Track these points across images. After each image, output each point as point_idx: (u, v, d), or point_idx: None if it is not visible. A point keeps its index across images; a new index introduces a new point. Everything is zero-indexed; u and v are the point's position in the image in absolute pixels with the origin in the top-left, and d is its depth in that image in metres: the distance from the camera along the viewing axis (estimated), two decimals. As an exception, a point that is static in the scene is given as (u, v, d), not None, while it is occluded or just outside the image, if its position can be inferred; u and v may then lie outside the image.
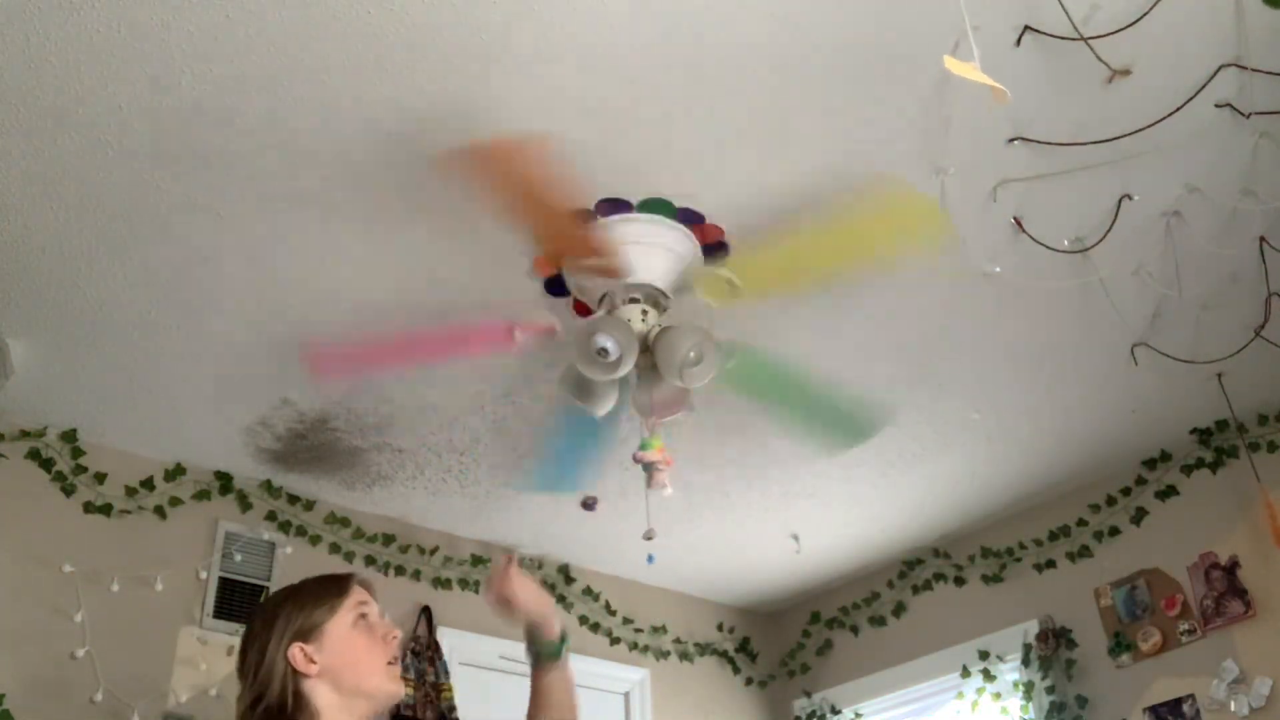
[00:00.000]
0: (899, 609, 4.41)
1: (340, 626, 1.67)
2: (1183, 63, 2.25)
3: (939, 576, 4.31)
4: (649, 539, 2.74)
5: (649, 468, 2.51)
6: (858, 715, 4.42)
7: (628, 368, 2.39)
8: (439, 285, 2.72)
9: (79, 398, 3.11)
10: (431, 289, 2.73)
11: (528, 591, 1.95)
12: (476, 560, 4.00)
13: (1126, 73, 2.24)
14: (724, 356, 2.49)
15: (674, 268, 2.53)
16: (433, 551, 3.91)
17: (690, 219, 2.53)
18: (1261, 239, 2.74)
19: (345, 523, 3.73)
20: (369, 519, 3.81)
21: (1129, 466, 3.84)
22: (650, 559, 3.54)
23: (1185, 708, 3.47)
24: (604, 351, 2.35)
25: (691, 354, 2.38)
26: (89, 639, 3.10)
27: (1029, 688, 3.84)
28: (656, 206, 2.48)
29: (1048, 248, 2.69)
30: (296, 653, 1.62)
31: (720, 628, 4.67)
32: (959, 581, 4.24)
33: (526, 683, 2.00)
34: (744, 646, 4.69)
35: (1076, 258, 2.74)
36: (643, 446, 2.54)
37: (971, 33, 2.09)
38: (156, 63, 2.09)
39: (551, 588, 4.17)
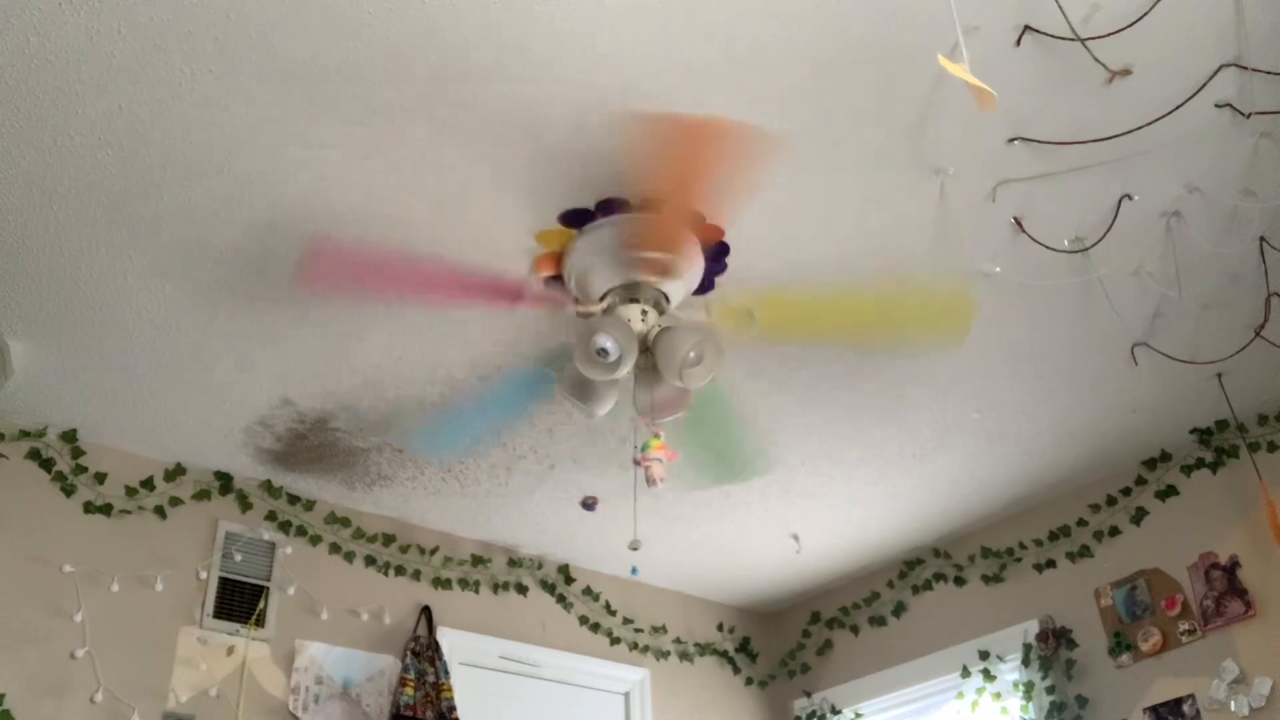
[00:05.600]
0: (899, 609, 4.41)
1: None
2: (1183, 63, 2.25)
3: (939, 576, 4.31)
4: (635, 549, 2.76)
5: (647, 469, 2.52)
6: (858, 715, 4.42)
7: (627, 368, 2.40)
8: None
9: (79, 398, 3.11)
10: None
11: None
12: (476, 560, 4.00)
13: (1126, 73, 2.24)
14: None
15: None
16: (433, 551, 3.91)
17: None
18: (1261, 239, 2.74)
19: (345, 523, 3.73)
20: (369, 519, 3.81)
21: (1129, 466, 3.84)
22: (634, 571, 3.59)
23: (1185, 708, 3.47)
24: (604, 352, 2.35)
25: (691, 354, 2.38)
26: (89, 639, 3.10)
27: (1029, 688, 3.84)
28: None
29: (1048, 248, 2.69)
30: None
31: (720, 628, 4.67)
32: (959, 581, 4.24)
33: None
34: (744, 646, 4.69)
35: (1076, 257, 2.74)
36: (643, 448, 2.54)
37: (970, 33, 2.10)
38: (157, 62, 2.09)
39: (551, 588, 4.18)
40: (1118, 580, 3.78)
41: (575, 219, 2.51)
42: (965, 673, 4.09)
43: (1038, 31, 2.13)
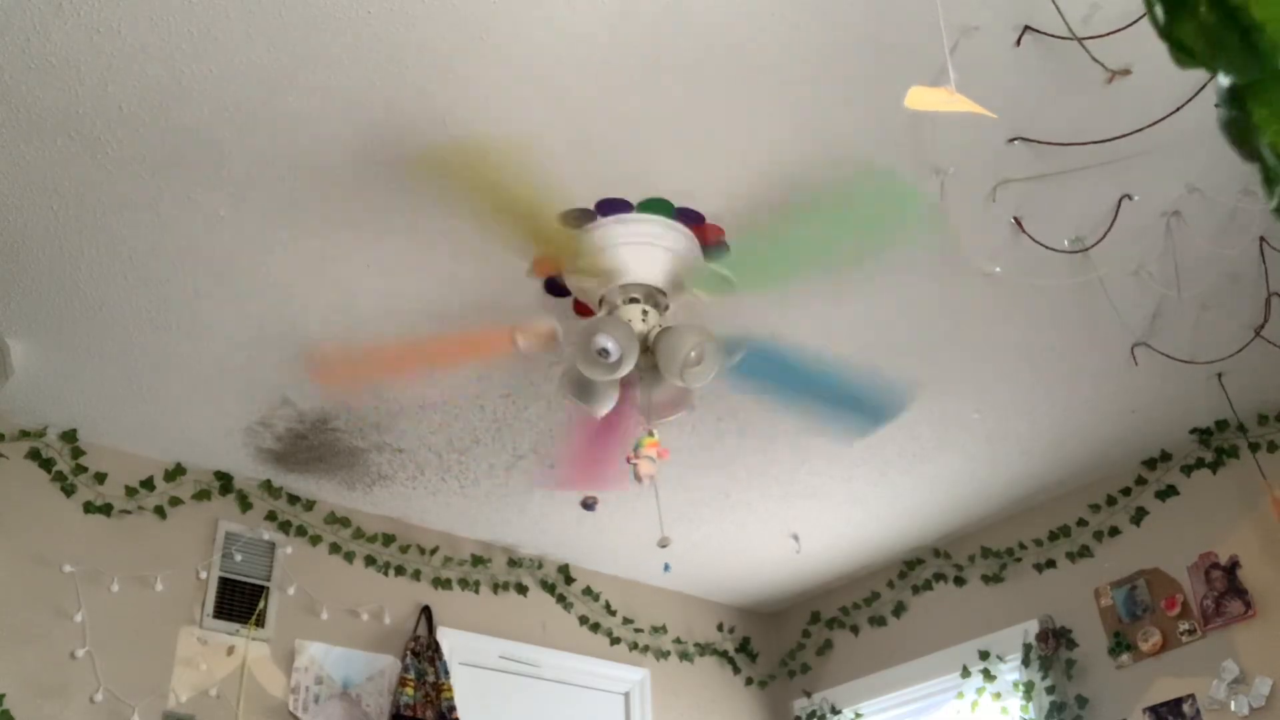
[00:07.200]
0: (899, 609, 4.41)
1: None
2: (1183, 63, 2.25)
3: (939, 576, 4.31)
4: (664, 546, 2.76)
5: (635, 465, 2.52)
6: (858, 715, 4.42)
7: (628, 368, 2.39)
8: (437, 285, 2.72)
9: (79, 398, 3.11)
10: (428, 289, 2.73)
11: None
12: (476, 560, 4.00)
13: (1126, 73, 2.24)
14: (729, 353, 2.49)
15: (674, 268, 2.53)
16: (433, 551, 3.91)
17: (690, 219, 2.53)
18: (1261, 239, 2.74)
19: (345, 523, 3.73)
20: (369, 519, 3.81)
21: (1129, 466, 3.84)
22: (666, 567, 3.48)
23: (1185, 708, 3.47)
24: (604, 352, 2.35)
25: (692, 354, 2.38)
26: (89, 639, 3.10)
27: (1029, 688, 3.84)
28: (656, 206, 2.49)
29: (1048, 248, 2.69)
30: None
31: (720, 628, 4.67)
32: (959, 581, 4.24)
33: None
34: (744, 646, 4.69)
35: (1076, 258, 2.74)
36: (636, 446, 2.54)
37: (970, 33, 2.10)
38: (156, 63, 2.09)
39: (551, 588, 4.18)
40: (1118, 580, 3.78)
41: (574, 220, 2.51)
42: (965, 673, 4.09)
43: (1037, 31, 2.13)
